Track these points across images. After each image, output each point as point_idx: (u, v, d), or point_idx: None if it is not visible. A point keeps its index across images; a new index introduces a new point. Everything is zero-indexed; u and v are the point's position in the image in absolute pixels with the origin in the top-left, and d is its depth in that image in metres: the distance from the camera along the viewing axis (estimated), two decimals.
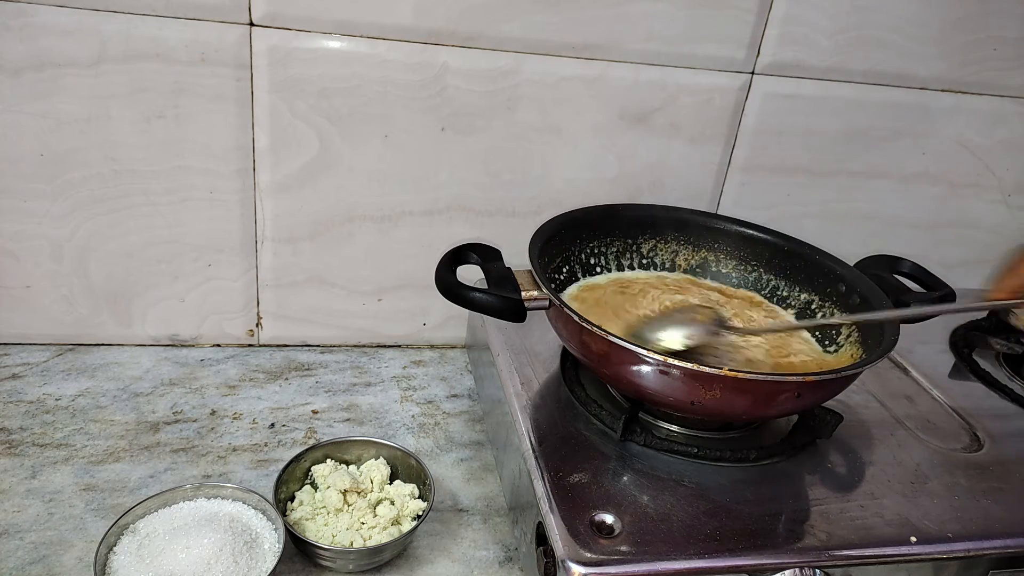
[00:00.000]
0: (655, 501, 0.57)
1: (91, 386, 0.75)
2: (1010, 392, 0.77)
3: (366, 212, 0.80)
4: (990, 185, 0.95)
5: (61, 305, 0.78)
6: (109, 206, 0.74)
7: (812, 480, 0.61)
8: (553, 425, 0.64)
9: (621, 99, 0.80)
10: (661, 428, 0.65)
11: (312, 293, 0.83)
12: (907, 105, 0.87)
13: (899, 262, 0.74)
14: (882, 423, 0.69)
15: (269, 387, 0.78)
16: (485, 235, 0.83)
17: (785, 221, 0.85)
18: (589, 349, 0.59)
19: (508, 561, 0.61)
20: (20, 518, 0.60)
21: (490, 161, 0.80)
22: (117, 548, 0.55)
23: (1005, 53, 0.86)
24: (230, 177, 0.75)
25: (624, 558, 0.51)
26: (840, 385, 0.59)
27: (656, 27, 0.77)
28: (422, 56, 0.74)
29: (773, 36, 0.80)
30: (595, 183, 0.83)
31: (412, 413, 0.77)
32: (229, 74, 0.71)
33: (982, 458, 0.66)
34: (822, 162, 0.88)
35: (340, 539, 0.58)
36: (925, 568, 0.56)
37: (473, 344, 0.84)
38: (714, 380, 0.54)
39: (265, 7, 0.69)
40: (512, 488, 0.64)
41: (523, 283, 0.62)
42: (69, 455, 0.66)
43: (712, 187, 0.87)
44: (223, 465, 0.67)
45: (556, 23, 0.75)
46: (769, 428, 0.67)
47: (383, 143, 0.77)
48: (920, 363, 0.80)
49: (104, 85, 0.69)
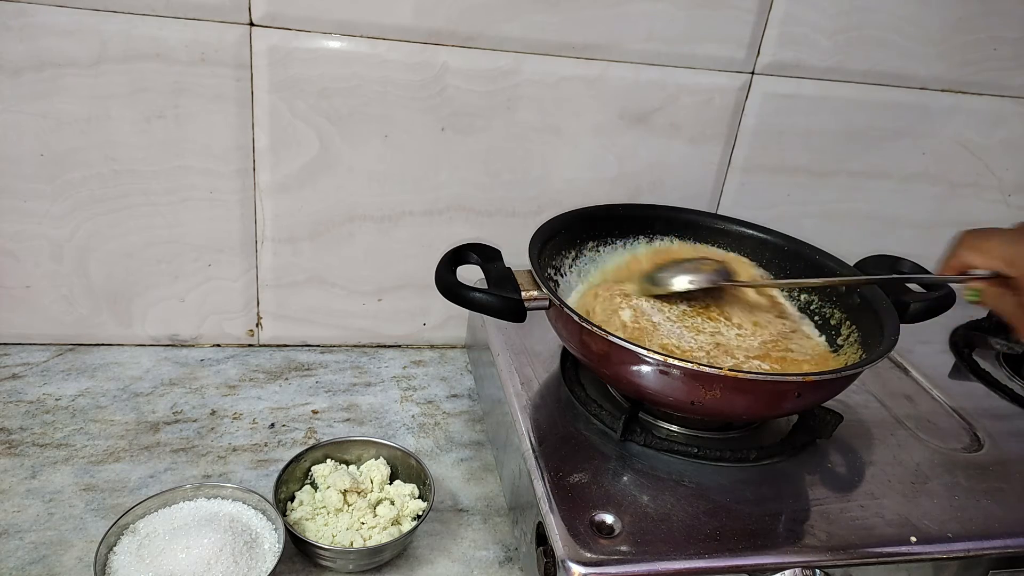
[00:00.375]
0: (655, 501, 0.57)
1: (91, 386, 0.75)
2: (1010, 392, 0.77)
3: (366, 212, 0.80)
4: (990, 185, 0.95)
5: (61, 305, 0.78)
6: (109, 206, 0.74)
7: (812, 480, 0.61)
8: (553, 425, 0.64)
9: (621, 99, 0.80)
10: (661, 428, 0.65)
11: (312, 293, 0.83)
12: (907, 105, 0.87)
13: (899, 262, 0.73)
14: (882, 423, 0.69)
15: (269, 387, 0.78)
16: (485, 235, 0.83)
17: (785, 221, 0.85)
18: (589, 349, 0.59)
19: (508, 561, 0.61)
20: (20, 518, 0.60)
21: (490, 161, 0.80)
22: (117, 548, 0.55)
23: (1005, 53, 0.86)
24: (230, 177, 0.75)
25: (624, 558, 0.51)
26: (840, 385, 0.59)
27: (656, 27, 0.77)
28: (422, 56, 0.74)
29: (773, 36, 0.80)
30: (595, 183, 0.83)
31: (412, 413, 0.77)
32: (229, 74, 0.71)
33: (982, 458, 0.66)
34: (822, 162, 0.88)
35: (340, 539, 0.58)
36: (925, 568, 0.56)
37: (473, 344, 0.84)
38: (714, 380, 0.54)
39: (265, 7, 0.69)
40: (512, 488, 0.64)
41: (523, 283, 0.62)
42: (69, 455, 0.66)
43: (712, 187, 0.87)
44: (223, 465, 0.67)
45: (556, 23, 0.75)
46: (769, 428, 0.67)
47: (383, 143, 0.77)
48: (920, 363, 0.80)
49: (104, 85, 0.69)
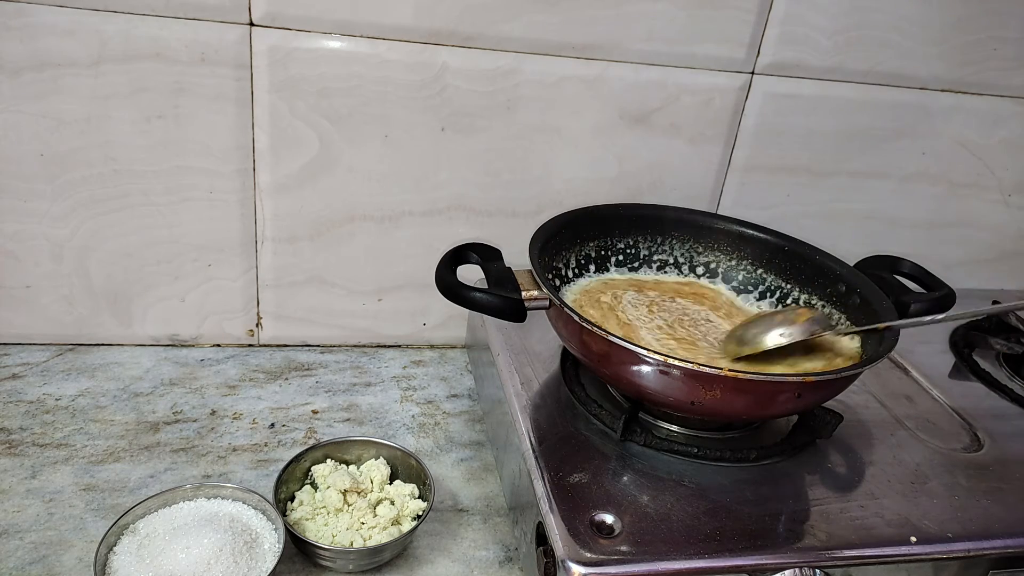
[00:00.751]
0: (655, 501, 0.57)
1: (91, 386, 0.75)
2: (1010, 392, 0.77)
3: (366, 212, 0.80)
4: (990, 185, 0.95)
5: (61, 305, 0.78)
6: (109, 206, 0.74)
7: (812, 480, 0.61)
8: (553, 425, 0.64)
9: (621, 99, 0.80)
10: (661, 428, 0.65)
11: (312, 293, 0.83)
12: (907, 105, 0.87)
13: (899, 262, 0.73)
14: (882, 423, 0.69)
15: (269, 387, 0.78)
16: (485, 235, 0.83)
17: (785, 221, 0.85)
18: (589, 349, 0.59)
19: (508, 561, 0.61)
20: (20, 518, 0.60)
21: (490, 161, 0.80)
22: (117, 548, 0.55)
23: (1005, 53, 0.86)
24: (230, 177, 0.75)
25: (624, 558, 0.51)
26: (840, 385, 0.59)
27: (656, 27, 0.77)
28: (422, 56, 0.74)
29: (773, 36, 0.80)
30: (595, 183, 0.83)
31: (412, 413, 0.77)
32: (229, 74, 0.71)
33: (982, 458, 0.66)
34: (822, 162, 0.88)
35: (340, 539, 0.58)
36: (925, 568, 0.56)
37: (473, 344, 0.84)
38: (714, 380, 0.54)
39: (265, 7, 0.69)
40: (512, 488, 0.64)
41: (523, 283, 0.62)
42: (69, 455, 0.66)
43: (712, 187, 0.87)
44: (223, 465, 0.67)
45: (556, 23, 0.75)
46: (769, 428, 0.67)
47: (383, 143, 0.77)
48: (920, 363, 0.80)
49: (104, 85, 0.69)
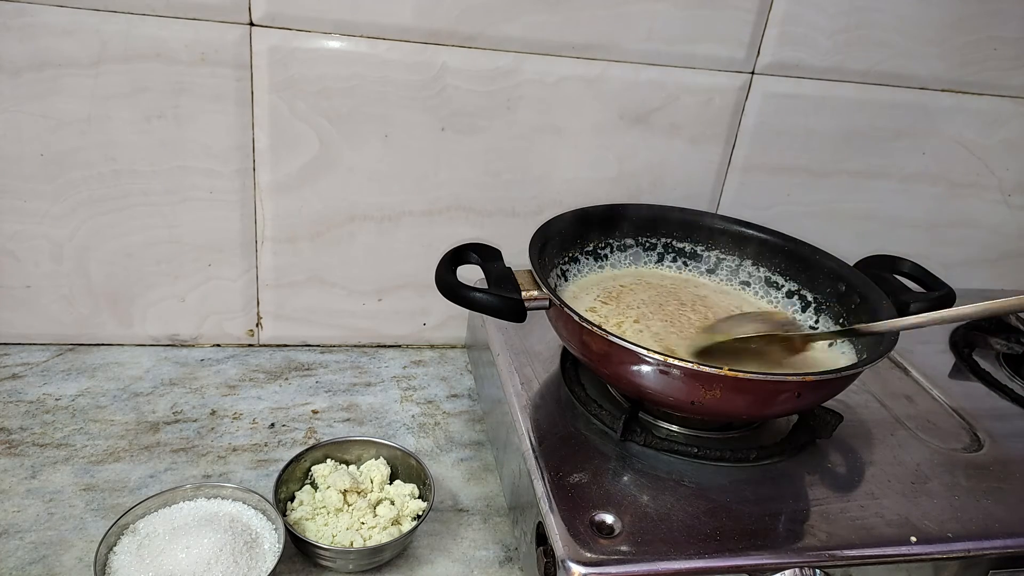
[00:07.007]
0: (655, 501, 0.57)
1: (91, 386, 0.75)
2: (1010, 392, 0.77)
3: (366, 212, 0.80)
4: (990, 185, 0.95)
5: (61, 305, 0.78)
6: (109, 206, 0.74)
7: (812, 480, 0.61)
8: (553, 425, 0.63)
9: (621, 99, 0.80)
10: (661, 428, 0.65)
11: (312, 293, 0.83)
12: (907, 105, 0.87)
13: (899, 262, 0.73)
14: (882, 423, 0.69)
15: (269, 387, 0.78)
16: (485, 235, 0.83)
17: (785, 221, 0.85)
18: (589, 349, 0.59)
19: (508, 561, 0.61)
20: (20, 518, 0.60)
21: (490, 161, 0.80)
22: (117, 548, 0.55)
23: (1005, 53, 0.86)
24: (230, 177, 0.75)
25: (624, 558, 0.51)
26: (840, 385, 0.59)
27: (656, 27, 0.77)
28: (422, 56, 0.74)
29: (773, 36, 0.80)
30: (595, 183, 0.83)
31: (412, 413, 0.77)
32: (229, 74, 0.71)
33: (982, 458, 0.66)
34: (822, 162, 0.88)
35: (340, 539, 0.58)
36: (925, 568, 0.56)
37: (473, 344, 0.84)
38: (714, 380, 0.54)
39: (265, 7, 0.69)
40: (512, 488, 0.64)
41: (523, 283, 0.61)
42: (69, 455, 0.66)
43: (712, 187, 0.87)
44: (223, 465, 0.67)
45: (556, 23, 0.75)
46: (769, 428, 0.67)
47: (383, 143, 0.77)
48: (920, 363, 0.80)
49: (104, 85, 0.69)
